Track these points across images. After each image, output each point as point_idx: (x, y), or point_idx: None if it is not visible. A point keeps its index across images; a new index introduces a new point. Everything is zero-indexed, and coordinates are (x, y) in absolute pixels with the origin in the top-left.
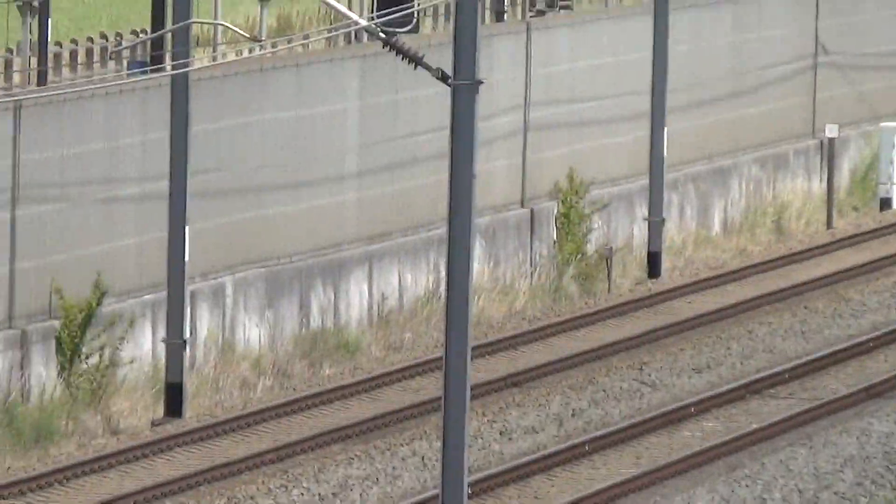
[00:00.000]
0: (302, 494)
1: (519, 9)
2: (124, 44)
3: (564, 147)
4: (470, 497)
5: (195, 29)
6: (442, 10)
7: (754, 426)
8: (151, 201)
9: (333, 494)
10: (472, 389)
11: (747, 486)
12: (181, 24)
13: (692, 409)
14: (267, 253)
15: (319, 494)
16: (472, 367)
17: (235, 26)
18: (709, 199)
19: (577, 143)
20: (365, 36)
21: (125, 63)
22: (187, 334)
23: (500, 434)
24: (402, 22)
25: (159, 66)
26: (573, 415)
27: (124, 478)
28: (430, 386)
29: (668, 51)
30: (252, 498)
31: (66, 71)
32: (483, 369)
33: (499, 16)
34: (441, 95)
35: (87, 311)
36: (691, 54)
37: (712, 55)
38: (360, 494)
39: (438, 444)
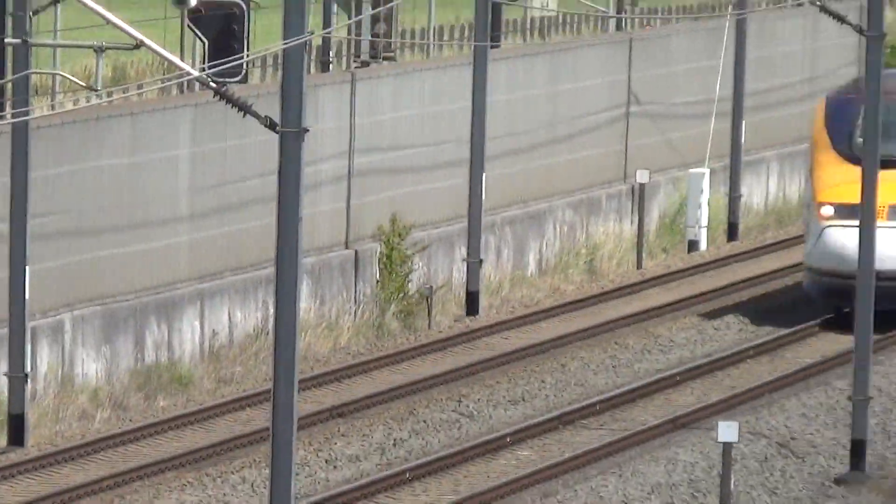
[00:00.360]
0: None
1: (344, 60)
2: None
3: (388, 192)
4: None
5: (34, 79)
6: (270, 60)
7: (567, 455)
8: None
9: None
10: (298, 420)
11: None
12: (21, 73)
13: (508, 439)
14: (104, 292)
15: None
16: (299, 398)
17: (73, 76)
18: (525, 242)
19: (400, 189)
20: (197, 85)
21: None
22: (28, 368)
23: (326, 462)
24: (233, 72)
25: (0, 114)
26: (395, 444)
27: None
28: (259, 417)
29: (486, 100)
30: None
31: None
32: (309, 401)
33: (324, 66)
34: (270, 142)
35: None
36: (509, 104)
37: (529, 105)
38: None
39: (267, 472)
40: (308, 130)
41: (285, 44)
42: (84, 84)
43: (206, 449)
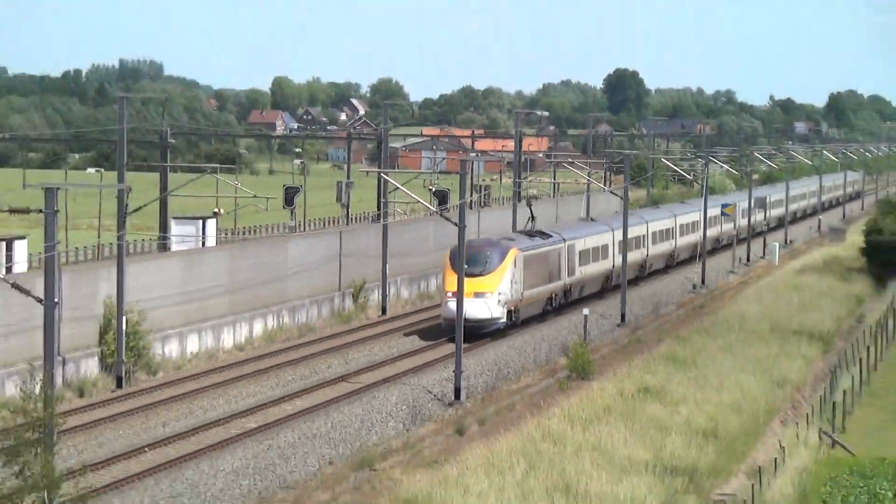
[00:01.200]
0: None
1: (476, 207)
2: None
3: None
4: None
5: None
6: (454, 208)
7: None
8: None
9: None
10: None
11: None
12: (384, 210)
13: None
14: (406, 271)
15: None
16: None
17: (401, 212)
18: None
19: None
20: (435, 214)
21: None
22: (387, 293)
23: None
24: (445, 210)
25: (375, 222)
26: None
27: None
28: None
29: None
30: None
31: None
32: None
33: (471, 207)
34: (454, 229)
35: None
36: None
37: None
38: None
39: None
40: (466, 226)
41: (460, 203)
42: (403, 213)
43: (432, 318)
